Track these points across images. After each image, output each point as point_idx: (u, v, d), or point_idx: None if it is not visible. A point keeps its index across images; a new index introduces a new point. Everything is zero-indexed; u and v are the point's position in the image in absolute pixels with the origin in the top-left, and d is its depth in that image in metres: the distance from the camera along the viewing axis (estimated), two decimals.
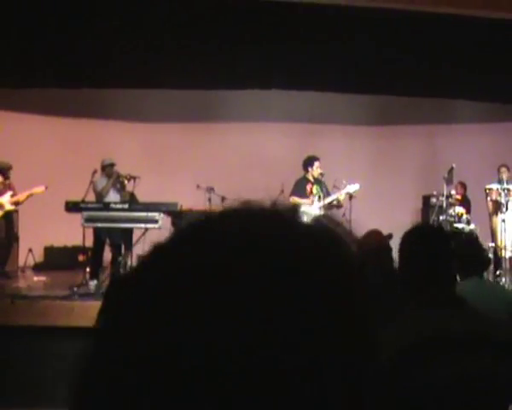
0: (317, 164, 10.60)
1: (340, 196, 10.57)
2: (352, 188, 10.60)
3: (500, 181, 10.73)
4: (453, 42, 11.54)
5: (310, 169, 10.60)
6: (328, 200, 10.48)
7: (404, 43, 11.47)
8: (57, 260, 12.68)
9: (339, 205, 10.62)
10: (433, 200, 11.79)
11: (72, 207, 9.79)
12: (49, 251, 13.15)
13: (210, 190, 11.08)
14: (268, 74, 11.94)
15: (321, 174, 10.62)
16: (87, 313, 7.42)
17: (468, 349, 2.44)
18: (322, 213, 10.35)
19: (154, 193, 10.92)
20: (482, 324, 2.61)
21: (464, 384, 2.40)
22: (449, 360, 2.40)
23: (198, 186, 11.06)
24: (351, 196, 10.64)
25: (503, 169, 11.02)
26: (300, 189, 10.56)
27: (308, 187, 10.57)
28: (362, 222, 10.86)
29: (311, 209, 10.39)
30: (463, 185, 12.44)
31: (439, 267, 2.70)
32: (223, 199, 10.97)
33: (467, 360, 2.41)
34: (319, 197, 10.48)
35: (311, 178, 10.64)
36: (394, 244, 4.51)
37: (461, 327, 2.51)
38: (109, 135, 13.39)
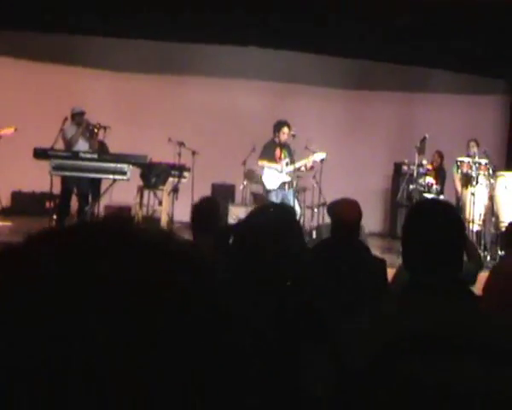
0: (284, 129, 10.45)
1: (308, 161, 10.54)
2: (319, 156, 10.55)
3: (469, 155, 10.82)
4: (435, 11, 11.47)
5: (277, 134, 10.48)
6: (296, 165, 10.45)
7: (385, 9, 11.37)
8: (24, 205, 12.58)
9: (309, 168, 10.60)
10: (405, 168, 11.81)
11: (40, 154, 9.71)
12: (17, 196, 13.03)
13: (180, 144, 10.98)
14: (246, 31, 11.81)
15: (293, 136, 10.54)
16: None
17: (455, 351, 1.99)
18: (290, 178, 10.38)
19: (125, 143, 10.82)
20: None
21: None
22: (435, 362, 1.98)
23: (169, 139, 10.96)
24: (322, 159, 10.62)
25: (472, 143, 11.15)
26: (269, 152, 10.50)
27: (277, 152, 10.50)
28: (332, 185, 10.89)
29: (280, 174, 10.38)
30: (440, 155, 12.33)
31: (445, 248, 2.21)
32: (193, 153, 10.92)
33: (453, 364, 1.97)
34: (287, 163, 10.44)
35: (278, 142, 10.53)
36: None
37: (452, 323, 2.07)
38: (81, 82, 13.17)
